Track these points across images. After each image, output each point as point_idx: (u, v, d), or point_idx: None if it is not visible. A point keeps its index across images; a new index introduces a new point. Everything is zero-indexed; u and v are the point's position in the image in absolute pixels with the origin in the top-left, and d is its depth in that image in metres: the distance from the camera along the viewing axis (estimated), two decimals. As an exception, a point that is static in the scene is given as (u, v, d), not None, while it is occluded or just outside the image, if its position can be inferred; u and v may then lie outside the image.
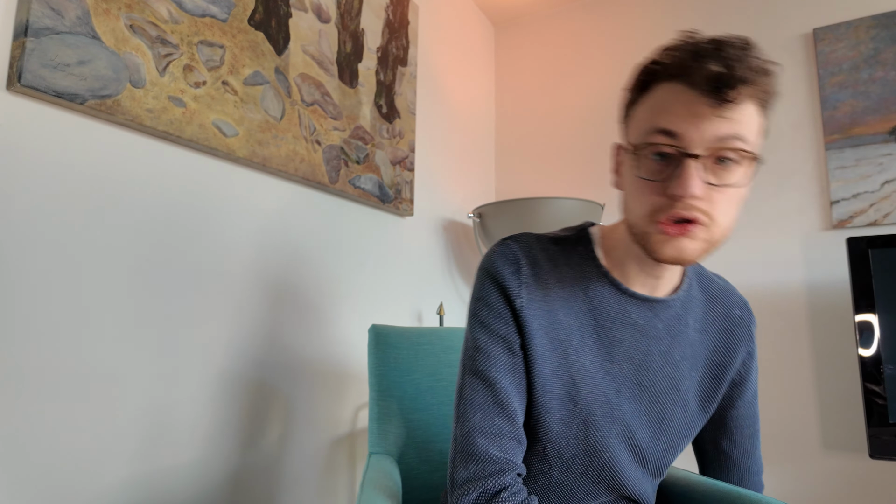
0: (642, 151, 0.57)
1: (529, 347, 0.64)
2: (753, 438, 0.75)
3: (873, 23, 1.68)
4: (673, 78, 0.56)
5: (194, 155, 1.04)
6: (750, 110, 0.55)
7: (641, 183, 0.58)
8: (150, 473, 0.93)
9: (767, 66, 0.55)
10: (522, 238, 0.68)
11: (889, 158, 1.61)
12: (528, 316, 0.64)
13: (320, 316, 1.31)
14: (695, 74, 0.54)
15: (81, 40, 0.83)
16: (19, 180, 0.78)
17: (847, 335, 1.62)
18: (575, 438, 0.65)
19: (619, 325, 0.66)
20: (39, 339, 0.79)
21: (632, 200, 0.60)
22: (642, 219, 0.58)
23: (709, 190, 0.55)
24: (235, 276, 1.10)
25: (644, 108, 0.59)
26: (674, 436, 0.69)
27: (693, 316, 0.70)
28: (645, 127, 0.57)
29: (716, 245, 0.58)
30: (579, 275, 0.67)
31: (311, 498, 1.25)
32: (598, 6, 2.18)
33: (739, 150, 0.54)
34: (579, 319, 0.66)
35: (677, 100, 0.55)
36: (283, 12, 1.21)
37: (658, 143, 0.56)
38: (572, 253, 0.68)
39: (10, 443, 0.76)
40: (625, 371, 0.66)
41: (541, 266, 0.66)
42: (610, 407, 0.66)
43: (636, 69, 0.61)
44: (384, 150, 1.51)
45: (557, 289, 0.66)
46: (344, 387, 1.37)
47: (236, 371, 1.09)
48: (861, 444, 1.56)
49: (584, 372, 0.65)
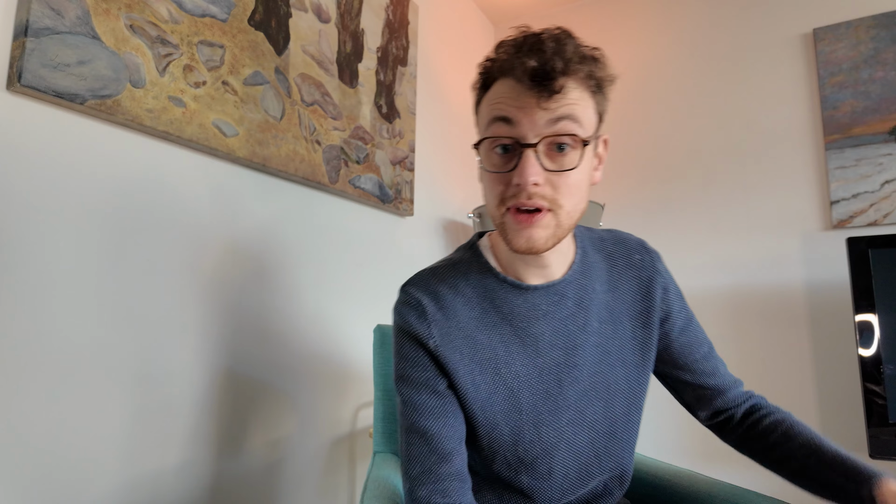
0: (486, 145, 0.61)
1: (457, 380, 0.65)
2: (710, 359, 0.76)
3: (873, 23, 1.68)
4: (503, 74, 0.60)
5: (194, 155, 1.04)
6: (577, 95, 0.58)
7: (490, 176, 0.61)
8: (149, 473, 0.93)
9: (587, 52, 0.59)
10: (417, 278, 0.70)
11: (889, 158, 1.61)
12: (445, 352, 0.65)
13: (320, 316, 1.31)
14: (517, 69, 0.57)
15: (81, 40, 0.83)
16: (19, 180, 0.78)
17: (847, 335, 1.62)
18: (531, 442, 0.68)
19: (533, 320, 0.68)
20: (39, 339, 0.79)
21: (486, 194, 0.64)
22: (495, 210, 0.62)
23: (549, 176, 0.58)
24: (235, 276, 1.10)
25: (484, 104, 0.63)
26: (627, 396, 0.71)
27: (598, 280, 0.72)
28: (485, 121, 0.62)
29: (565, 228, 0.61)
30: (482, 289, 0.68)
31: (311, 498, 1.25)
32: (597, 6, 2.18)
33: (572, 135, 0.58)
34: (498, 331, 0.67)
35: (508, 94, 0.59)
36: (283, 12, 1.21)
37: (498, 136, 0.59)
38: (469, 271, 0.70)
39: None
40: (556, 359, 0.68)
41: (443, 297, 0.67)
42: (553, 400, 0.68)
43: (478, 68, 0.65)
44: (384, 150, 1.51)
45: (466, 311, 0.67)
46: (344, 387, 1.37)
47: (236, 371, 1.09)
48: (861, 444, 1.56)
49: (518, 379, 0.67)
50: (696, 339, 0.76)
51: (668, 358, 0.75)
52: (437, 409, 0.65)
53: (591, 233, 0.77)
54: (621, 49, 2.10)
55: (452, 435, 0.65)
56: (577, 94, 0.58)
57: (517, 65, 0.57)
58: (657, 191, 1.97)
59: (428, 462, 0.63)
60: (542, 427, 0.68)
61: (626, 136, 2.05)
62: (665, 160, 1.97)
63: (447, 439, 0.64)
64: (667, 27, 2.02)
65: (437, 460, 0.63)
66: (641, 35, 2.07)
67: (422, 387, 0.66)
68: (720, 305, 1.81)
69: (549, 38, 0.58)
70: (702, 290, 1.85)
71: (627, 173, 2.03)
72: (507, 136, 0.59)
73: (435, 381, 0.66)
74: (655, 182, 1.97)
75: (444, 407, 0.65)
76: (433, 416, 0.65)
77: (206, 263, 1.04)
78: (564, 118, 0.57)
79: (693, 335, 0.75)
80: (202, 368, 1.02)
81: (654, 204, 1.97)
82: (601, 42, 2.15)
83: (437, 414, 0.65)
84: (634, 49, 2.08)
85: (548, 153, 0.59)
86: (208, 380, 1.03)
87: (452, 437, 0.65)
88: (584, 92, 0.59)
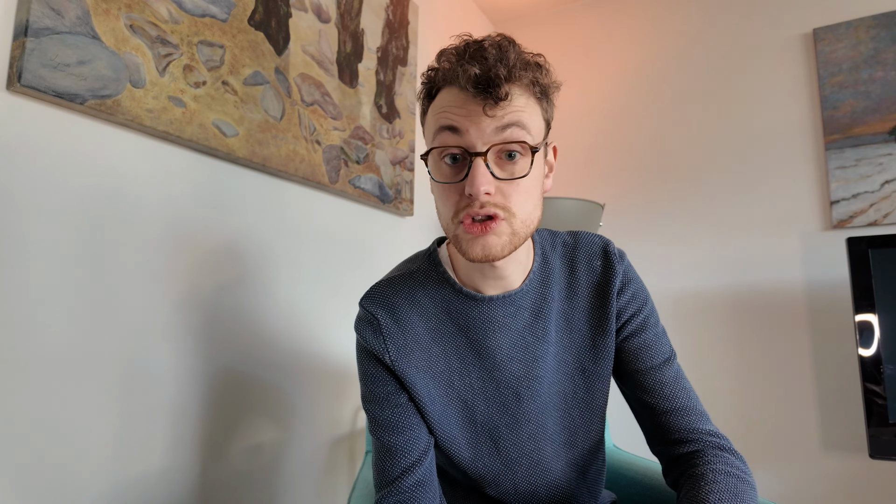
0: (435, 155, 0.60)
1: (414, 392, 0.66)
2: (664, 372, 0.69)
3: (873, 23, 1.68)
4: (447, 83, 0.60)
5: (194, 155, 1.04)
6: (523, 102, 0.58)
7: (441, 187, 0.60)
8: (149, 473, 0.93)
9: (530, 58, 0.59)
10: (374, 291, 0.68)
11: (889, 158, 1.61)
12: (401, 366, 0.65)
13: (320, 316, 1.31)
14: (461, 77, 0.56)
15: (81, 40, 0.83)
16: (19, 180, 0.78)
17: (847, 335, 1.62)
18: (489, 456, 0.68)
19: (490, 332, 0.66)
20: (38, 339, 0.79)
21: (438, 206, 0.62)
22: (448, 222, 0.60)
23: (500, 185, 0.57)
24: (235, 277, 1.10)
25: (430, 114, 0.62)
26: (587, 406, 0.70)
27: (556, 287, 0.69)
28: (431, 131, 0.60)
29: (521, 236, 0.60)
30: (439, 300, 0.67)
31: (311, 498, 1.25)
32: (597, 6, 2.18)
33: (521, 142, 0.57)
34: (454, 343, 0.67)
35: (454, 102, 0.58)
36: (283, 12, 1.21)
37: (446, 146, 0.58)
38: (427, 281, 0.68)
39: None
40: (515, 372, 0.67)
41: (398, 308, 0.67)
42: (511, 413, 0.67)
43: (421, 78, 0.64)
44: (384, 150, 1.51)
45: (422, 324, 0.67)
46: (344, 387, 1.37)
47: (236, 371, 1.09)
48: (861, 444, 1.57)
49: (472, 391, 0.67)
50: (649, 346, 0.70)
51: (619, 363, 0.71)
52: (399, 423, 0.66)
53: (555, 237, 0.74)
54: (621, 49, 2.10)
55: (416, 446, 0.65)
56: (522, 100, 0.58)
57: (460, 73, 0.56)
58: (657, 191, 1.97)
59: (392, 474, 0.65)
60: (500, 441, 0.68)
61: (626, 136, 2.05)
62: (665, 160, 1.97)
63: (410, 451, 0.65)
64: (667, 27, 2.02)
65: (400, 473, 0.64)
66: (641, 35, 2.07)
67: (383, 402, 0.66)
68: (720, 305, 1.81)
69: (492, 45, 0.57)
70: (702, 290, 1.85)
71: (627, 173, 2.03)
72: (456, 145, 0.58)
73: (395, 395, 0.66)
74: (655, 182, 1.97)
75: (406, 420, 0.66)
76: (396, 431, 0.65)
77: (205, 264, 1.04)
78: (512, 125, 0.57)
79: (645, 340, 0.70)
80: (202, 369, 1.02)
81: (654, 204, 1.97)
82: (601, 42, 2.15)
83: (399, 428, 0.66)
84: (634, 49, 2.08)
85: (497, 161, 0.58)
86: (207, 381, 1.03)
87: (416, 448, 0.65)
88: (530, 98, 0.59)
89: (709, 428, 0.66)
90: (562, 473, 0.71)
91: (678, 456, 0.66)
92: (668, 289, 1.90)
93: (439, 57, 0.61)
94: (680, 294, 1.88)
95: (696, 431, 0.66)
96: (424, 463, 0.66)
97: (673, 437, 0.66)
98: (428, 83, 0.63)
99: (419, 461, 0.65)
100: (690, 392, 0.69)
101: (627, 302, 0.70)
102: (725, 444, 0.65)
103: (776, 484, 1.64)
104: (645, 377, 0.69)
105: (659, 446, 0.69)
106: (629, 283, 0.71)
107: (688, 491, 0.59)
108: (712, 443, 0.65)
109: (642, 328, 0.70)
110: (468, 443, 0.68)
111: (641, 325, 0.70)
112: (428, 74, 0.63)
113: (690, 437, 0.66)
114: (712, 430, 0.66)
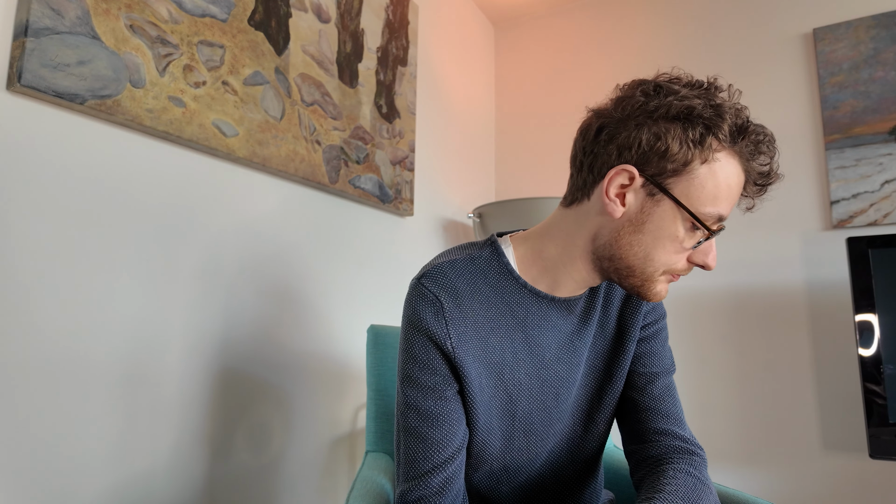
0: (695, 224, 0.58)
1: (466, 381, 0.63)
2: (659, 379, 0.73)
3: (873, 23, 1.68)
4: (736, 155, 0.57)
5: (194, 155, 1.04)
6: None
7: (679, 245, 0.59)
8: (151, 473, 0.93)
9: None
10: (435, 271, 0.64)
11: (889, 158, 1.61)
12: (461, 354, 0.62)
13: (320, 316, 1.31)
14: (753, 167, 0.58)
15: (81, 40, 0.83)
16: (19, 180, 0.78)
17: (847, 335, 1.62)
18: (518, 451, 0.68)
19: (544, 330, 0.67)
20: (37, 339, 0.79)
21: (651, 249, 0.59)
22: (655, 270, 0.60)
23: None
24: (235, 276, 1.10)
25: (708, 176, 0.56)
26: (608, 406, 0.73)
27: (601, 294, 0.72)
28: (707, 206, 0.57)
29: None
30: (500, 290, 0.66)
31: (311, 498, 1.25)
32: (597, 6, 2.18)
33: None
34: (510, 335, 0.66)
35: (736, 186, 0.58)
36: (283, 12, 1.21)
37: (719, 228, 0.59)
38: (489, 270, 0.66)
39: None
40: (559, 374, 0.68)
41: (461, 293, 0.63)
42: (548, 412, 0.68)
43: (687, 104, 0.56)
44: (384, 150, 1.51)
45: (483, 311, 0.64)
46: (344, 387, 1.37)
47: (236, 370, 1.09)
48: (861, 444, 1.56)
49: (519, 387, 0.67)
50: (654, 354, 0.73)
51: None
52: (441, 416, 0.63)
53: None
54: (621, 49, 2.10)
55: (451, 442, 0.63)
56: None
57: (753, 163, 0.58)
58: (657, 191, 1.96)
59: (423, 468, 0.62)
60: (532, 437, 0.69)
61: (626, 136, 2.04)
62: (665, 160, 1.96)
63: (445, 447, 0.63)
64: (667, 27, 2.02)
65: (431, 468, 0.62)
66: (641, 35, 2.07)
67: (429, 392, 0.63)
68: (720, 305, 1.81)
69: (767, 134, 0.58)
70: (702, 290, 1.85)
71: (627, 173, 2.02)
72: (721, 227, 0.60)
73: (444, 385, 0.63)
74: (655, 182, 1.97)
75: (448, 414, 0.63)
76: (436, 424, 0.63)
77: (204, 263, 1.04)
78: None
79: (653, 348, 0.73)
80: (201, 369, 1.02)
81: (654, 204, 1.96)
82: (601, 42, 2.15)
83: (440, 421, 0.63)
84: (634, 49, 2.08)
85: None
86: (207, 381, 1.03)
87: (451, 443, 0.63)
88: None
89: (681, 433, 0.70)
90: (573, 471, 0.73)
91: (645, 457, 0.70)
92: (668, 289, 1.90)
93: (707, 103, 0.56)
94: (680, 294, 1.88)
95: (667, 434, 0.69)
96: (457, 461, 0.64)
97: (645, 437, 0.70)
98: (703, 128, 0.56)
99: (452, 458, 0.63)
100: (677, 402, 0.72)
101: (651, 309, 0.74)
102: (692, 448, 0.69)
103: (776, 484, 1.64)
104: (640, 378, 0.72)
105: (633, 445, 0.72)
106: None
107: (647, 486, 0.64)
108: (681, 447, 0.68)
109: (654, 337, 0.74)
110: (503, 434, 0.68)
111: (654, 335, 0.74)
112: (705, 119, 0.56)
113: (660, 439, 0.69)
114: (684, 435, 0.70)
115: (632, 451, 0.72)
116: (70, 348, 0.83)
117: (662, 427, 0.69)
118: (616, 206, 0.58)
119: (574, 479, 0.73)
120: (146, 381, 0.93)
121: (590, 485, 0.76)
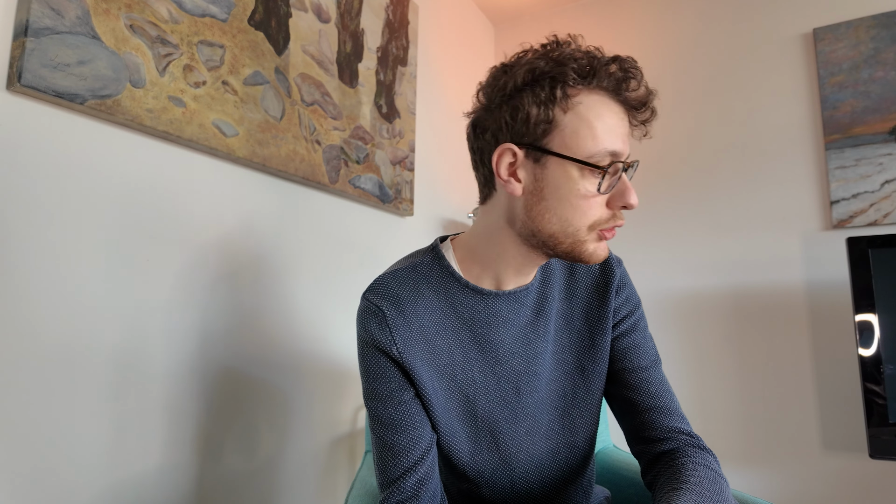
0: (592, 169, 0.58)
1: (419, 385, 0.65)
2: (651, 372, 0.72)
3: (873, 23, 1.68)
4: (597, 91, 0.58)
5: (194, 155, 1.04)
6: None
7: (583, 197, 0.58)
8: (147, 473, 0.93)
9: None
10: (377, 283, 0.67)
11: (889, 158, 1.61)
12: (409, 358, 0.64)
13: (320, 316, 1.31)
14: (624, 95, 0.58)
15: (81, 40, 0.83)
16: (19, 180, 0.78)
17: (847, 335, 1.62)
18: (489, 451, 0.68)
19: (493, 327, 0.67)
20: (34, 337, 0.79)
21: (561, 211, 0.59)
22: (578, 230, 0.60)
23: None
24: (235, 276, 1.10)
25: (576, 121, 0.57)
26: (585, 405, 0.72)
27: (556, 287, 0.72)
28: (589, 147, 0.57)
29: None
30: (444, 293, 0.67)
31: (311, 498, 1.25)
32: (597, 6, 2.18)
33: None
34: (457, 336, 0.67)
35: (613, 118, 0.58)
36: (283, 12, 1.21)
37: (617, 163, 0.58)
38: (431, 274, 0.68)
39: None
40: (516, 367, 0.68)
41: (403, 300, 0.65)
42: (511, 408, 0.68)
43: (529, 68, 0.58)
44: (384, 150, 1.51)
45: (427, 315, 0.66)
46: (343, 387, 1.37)
47: (235, 370, 1.09)
48: (861, 444, 1.57)
49: (474, 386, 0.67)
50: (638, 347, 0.73)
51: (609, 362, 0.73)
52: (402, 421, 0.65)
53: None
54: (620, 49, 2.10)
55: (418, 445, 0.65)
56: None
57: (623, 86, 0.58)
58: (657, 190, 1.97)
59: (394, 474, 0.64)
60: (500, 436, 0.68)
61: (626, 136, 2.05)
62: (665, 160, 1.97)
63: (413, 450, 0.65)
64: (666, 27, 2.02)
65: (402, 472, 0.64)
66: (641, 35, 2.07)
67: (387, 400, 0.65)
68: (720, 305, 1.81)
69: (628, 60, 0.59)
70: (702, 289, 1.85)
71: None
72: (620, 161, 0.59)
73: (399, 391, 0.65)
74: (655, 182, 1.97)
75: (410, 418, 0.65)
76: (400, 430, 0.65)
77: (204, 263, 1.04)
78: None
79: (635, 341, 0.73)
80: (200, 368, 1.02)
81: (654, 203, 1.97)
82: (601, 42, 2.15)
83: (403, 427, 0.65)
84: (634, 49, 2.08)
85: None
86: (206, 380, 1.03)
87: (418, 447, 0.65)
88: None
89: (688, 429, 0.70)
90: (558, 472, 0.72)
91: (658, 454, 0.69)
92: (668, 289, 1.90)
93: (557, 54, 0.58)
94: (680, 294, 1.88)
95: (676, 431, 0.69)
96: (427, 461, 0.65)
97: (653, 436, 0.69)
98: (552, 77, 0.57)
99: (421, 460, 0.65)
100: (673, 395, 0.72)
101: (623, 302, 0.73)
102: (702, 444, 0.69)
103: (776, 484, 1.64)
104: (632, 376, 0.71)
105: (639, 445, 0.71)
106: (625, 285, 0.74)
107: (667, 479, 0.62)
108: (691, 442, 0.68)
109: (633, 329, 0.73)
110: (468, 437, 0.68)
111: (633, 327, 0.73)
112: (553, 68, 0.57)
113: (670, 435, 0.68)
114: (691, 431, 0.70)
115: (640, 451, 0.71)
116: (65, 347, 0.83)
117: (668, 424, 0.69)
118: (513, 183, 0.61)
119: (560, 481, 0.72)
120: (143, 380, 0.93)
121: (579, 486, 0.74)
